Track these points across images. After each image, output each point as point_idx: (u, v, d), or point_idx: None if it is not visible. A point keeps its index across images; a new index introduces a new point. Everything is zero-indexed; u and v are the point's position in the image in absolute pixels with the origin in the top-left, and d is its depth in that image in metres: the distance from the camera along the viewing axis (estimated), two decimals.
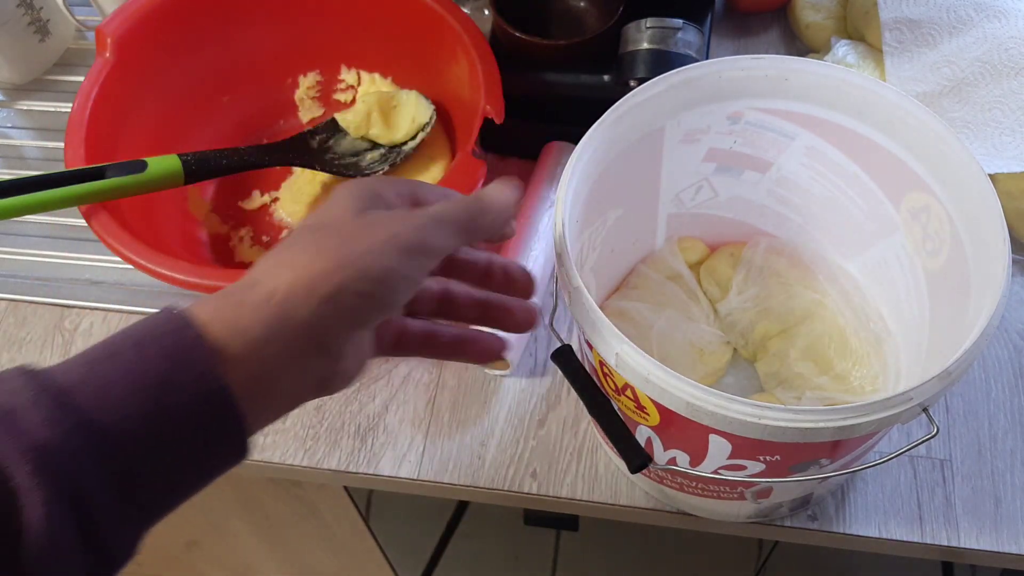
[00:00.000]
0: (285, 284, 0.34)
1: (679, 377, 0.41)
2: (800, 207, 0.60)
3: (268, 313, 0.33)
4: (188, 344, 0.32)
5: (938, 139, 0.49)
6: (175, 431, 0.31)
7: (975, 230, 0.47)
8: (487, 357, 0.45)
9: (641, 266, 0.64)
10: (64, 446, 0.29)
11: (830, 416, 0.40)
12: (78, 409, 0.30)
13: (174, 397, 0.31)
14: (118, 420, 0.30)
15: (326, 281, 0.34)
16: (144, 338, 0.32)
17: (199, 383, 0.32)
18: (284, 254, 0.35)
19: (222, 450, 0.33)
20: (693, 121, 0.54)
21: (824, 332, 0.60)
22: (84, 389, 0.31)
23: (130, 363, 0.31)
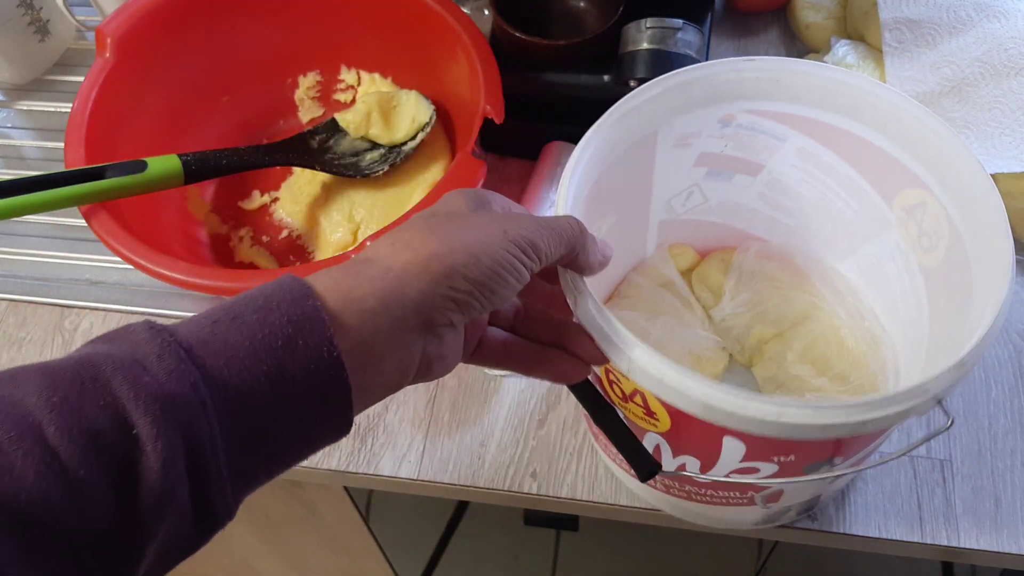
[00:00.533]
0: (401, 261, 0.35)
1: (695, 378, 0.40)
2: (791, 209, 0.60)
3: (383, 286, 0.35)
4: (309, 313, 0.33)
5: (936, 136, 0.49)
6: (290, 396, 0.32)
7: (975, 224, 0.47)
8: (566, 377, 0.45)
9: (633, 275, 0.63)
10: (186, 399, 0.30)
11: (849, 411, 0.39)
12: (202, 365, 0.31)
13: (292, 362, 0.32)
14: (238, 379, 0.31)
15: (439, 262, 0.35)
16: (267, 303, 0.33)
17: (316, 351, 0.33)
18: (401, 234, 0.37)
19: (328, 422, 0.34)
20: (686, 125, 0.54)
21: (820, 334, 0.59)
22: (208, 347, 0.31)
23: (253, 326, 0.32)
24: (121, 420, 0.29)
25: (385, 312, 0.34)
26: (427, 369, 0.38)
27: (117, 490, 0.29)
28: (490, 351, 0.44)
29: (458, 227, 0.37)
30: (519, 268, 0.37)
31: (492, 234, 0.37)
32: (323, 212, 0.71)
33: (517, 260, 0.37)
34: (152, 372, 0.30)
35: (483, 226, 0.37)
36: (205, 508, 0.31)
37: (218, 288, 0.57)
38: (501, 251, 0.37)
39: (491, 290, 0.37)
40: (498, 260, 0.36)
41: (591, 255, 0.42)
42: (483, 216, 0.39)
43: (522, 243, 0.37)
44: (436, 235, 0.36)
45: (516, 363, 0.44)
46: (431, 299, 0.35)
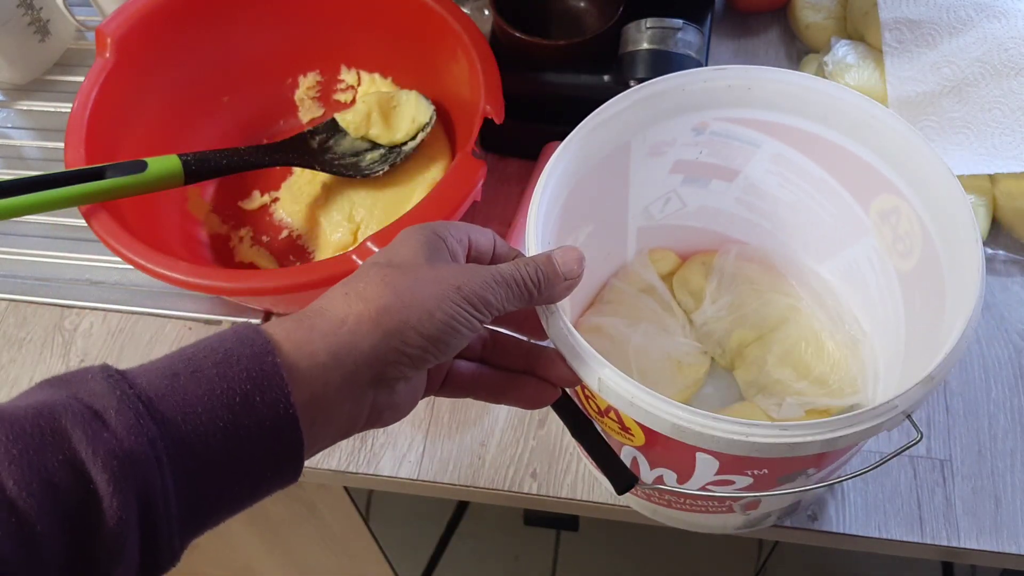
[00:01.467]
0: (355, 314, 0.35)
1: (663, 399, 0.40)
2: (769, 213, 0.60)
3: (336, 340, 0.35)
4: (268, 370, 0.33)
5: (904, 142, 0.49)
6: (244, 451, 0.33)
7: (946, 231, 0.47)
8: (536, 403, 0.45)
9: (614, 280, 0.63)
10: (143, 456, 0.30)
11: (817, 430, 0.39)
12: (160, 420, 0.31)
13: (248, 419, 0.32)
14: (195, 435, 0.32)
15: (392, 317, 0.36)
16: (227, 358, 0.33)
17: (273, 408, 0.33)
18: (355, 284, 0.37)
19: (279, 475, 0.34)
20: (659, 135, 0.54)
21: (800, 337, 0.60)
22: (167, 401, 0.32)
23: (212, 381, 0.32)
24: (79, 475, 0.29)
25: (337, 367, 0.35)
26: (377, 418, 0.38)
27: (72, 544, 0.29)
28: (458, 383, 0.44)
29: (412, 280, 0.37)
30: (472, 322, 0.37)
31: (446, 290, 0.37)
32: (323, 212, 0.71)
33: (470, 315, 0.37)
34: (111, 427, 0.30)
35: (439, 281, 0.37)
36: (152, 559, 0.31)
37: (218, 288, 0.57)
38: (454, 307, 0.37)
39: (445, 343, 0.37)
40: (451, 315, 0.37)
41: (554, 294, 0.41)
42: (440, 269, 0.38)
43: (475, 300, 0.37)
44: (391, 288, 0.36)
45: (485, 392, 0.44)
46: (383, 354, 0.35)
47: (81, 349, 0.68)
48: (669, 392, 0.59)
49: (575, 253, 0.42)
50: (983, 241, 0.61)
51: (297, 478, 0.35)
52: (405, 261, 0.38)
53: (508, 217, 0.69)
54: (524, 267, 0.40)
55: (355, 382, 0.35)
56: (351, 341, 0.35)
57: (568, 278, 0.42)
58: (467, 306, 0.37)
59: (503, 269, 0.40)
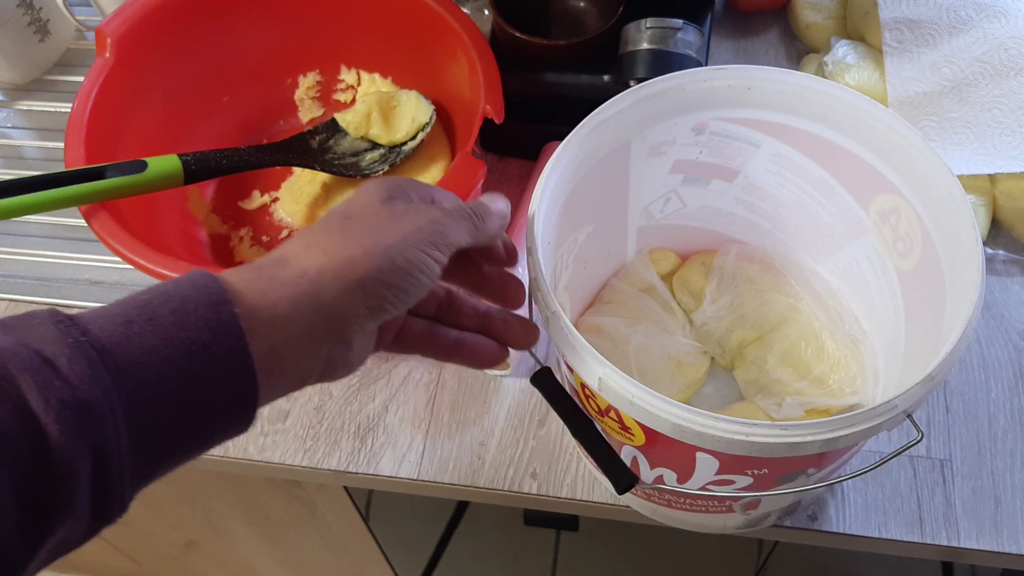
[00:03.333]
0: (316, 266, 0.35)
1: (664, 399, 0.41)
2: (769, 213, 0.60)
3: (297, 291, 0.34)
4: (226, 320, 0.33)
5: (904, 142, 0.49)
6: (199, 401, 0.32)
7: (946, 231, 0.47)
8: (486, 362, 0.45)
9: (614, 280, 0.63)
10: (97, 407, 0.29)
11: (817, 430, 0.39)
12: (115, 370, 0.30)
13: (205, 369, 0.32)
14: (150, 385, 0.31)
15: (354, 268, 0.35)
16: (184, 306, 0.32)
17: (230, 359, 0.32)
18: (316, 235, 0.37)
19: (232, 424, 0.34)
20: (658, 135, 0.54)
21: (800, 336, 0.60)
22: (121, 349, 0.31)
23: (169, 330, 0.32)
24: (29, 423, 0.28)
25: (298, 319, 0.34)
26: (331, 372, 0.38)
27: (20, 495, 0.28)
28: (410, 340, 0.44)
29: (372, 228, 0.37)
30: (431, 266, 0.37)
31: (407, 233, 0.37)
32: (323, 212, 0.71)
33: (430, 257, 0.37)
34: (63, 376, 0.29)
35: (398, 225, 0.37)
36: (102, 510, 0.31)
37: None
38: (415, 250, 0.37)
39: (404, 291, 0.37)
40: (412, 260, 0.36)
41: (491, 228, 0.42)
42: (397, 211, 0.38)
43: (436, 239, 0.37)
44: (352, 238, 0.36)
45: (436, 350, 0.44)
46: (345, 307, 0.35)
47: None
48: (669, 392, 0.59)
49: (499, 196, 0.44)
50: (983, 241, 0.61)
51: (249, 427, 0.35)
52: (364, 207, 0.38)
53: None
54: (464, 204, 0.41)
55: (314, 334, 0.35)
56: (312, 292, 0.34)
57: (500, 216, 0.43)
58: (428, 247, 0.37)
59: (448, 206, 0.40)
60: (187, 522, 0.94)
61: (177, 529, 0.97)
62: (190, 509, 0.91)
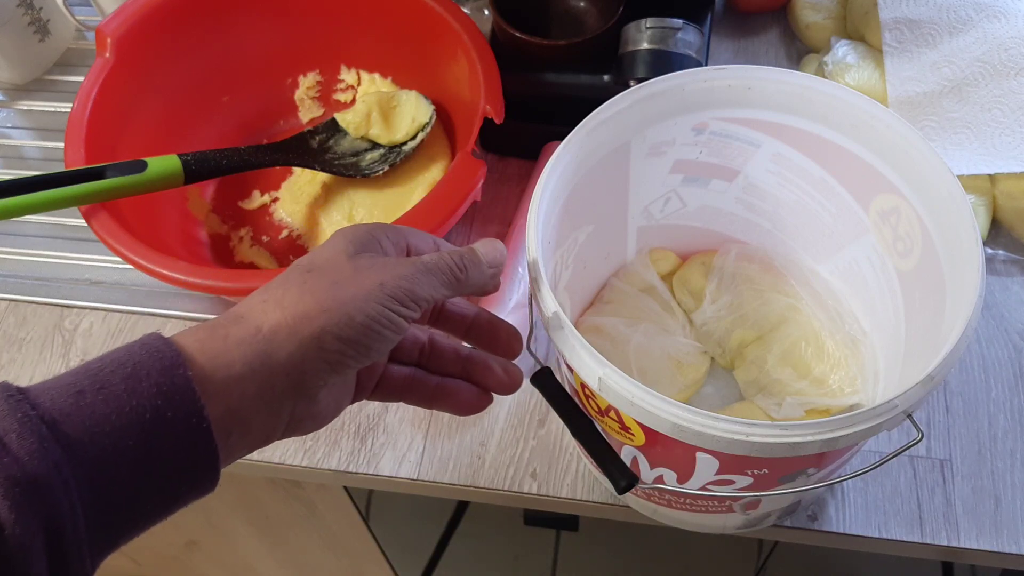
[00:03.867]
0: (271, 322, 0.34)
1: (664, 399, 0.40)
2: (769, 213, 0.60)
3: (251, 350, 0.34)
4: (179, 384, 0.32)
5: (904, 142, 0.49)
6: (157, 469, 0.32)
7: (946, 231, 0.47)
8: (467, 409, 0.45)
9: (614, 280, 0.63)
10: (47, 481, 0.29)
11: (817, 430, 0.39)
12: (66, 443, 0.30)
13: (160, 436, 0.31)
14: (104, 456, 0.30)
15: (309, 324, 0.34)
16: (136, 372, 0.32)
17: (186, 423, 0.32)
18: (274, 291, 0.36)
19: (194, 488, 0.34)
20: (658, 135, 0.54)
21: (800, 336, 0.60)
22: (72, 421, 0.30)
23: (120, 398, 0.31)
24: None
25: (253, 378, 0.34)
26: (296, 427, 0.37)
27: None
28: (391, 388, 0.43)
29: (332, 282, 0.36)
30: (396, 321, 0.36)
31: (368, 288, 0.35)
32: (323, 212, 0.71)
33: (394, 313, 0.36)
34: (12, 452, 0.29)
35: (359, 280, 0.36)
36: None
37: (218, 288, 0.57)
38: (376, 306, 0.35)
39: (366, 347, 0.36)
40: (372, 316, 0.35)
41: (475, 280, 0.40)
42: (360, 266, 0.37)
43: (399, 295, 0.36)
44: (309, 293, 0.35)
45: (419, 397, 0.44)
46: (301, 362, 0.34)
47: (81, 349, 0.68)
48: (669, 392, 0.59)
49: (496, 243, 0.42)
50: (983, 241, 0.61)
51: (214, 488, 0.34)
52: (328, 261, 0.37)
53: (508, 217, 0.69)
54: (447, 254, 0.39)
55: (272, 392, 0.34)
56: (266, 351, 0.34)
57: (492, 266, 0.41)
58: (391, 302, 0.36)
59: (425, 259, 0.38)
60: (187, 522, 0.94)
61: (177, 529, 0.97)
62: (190, 509, 0.91)
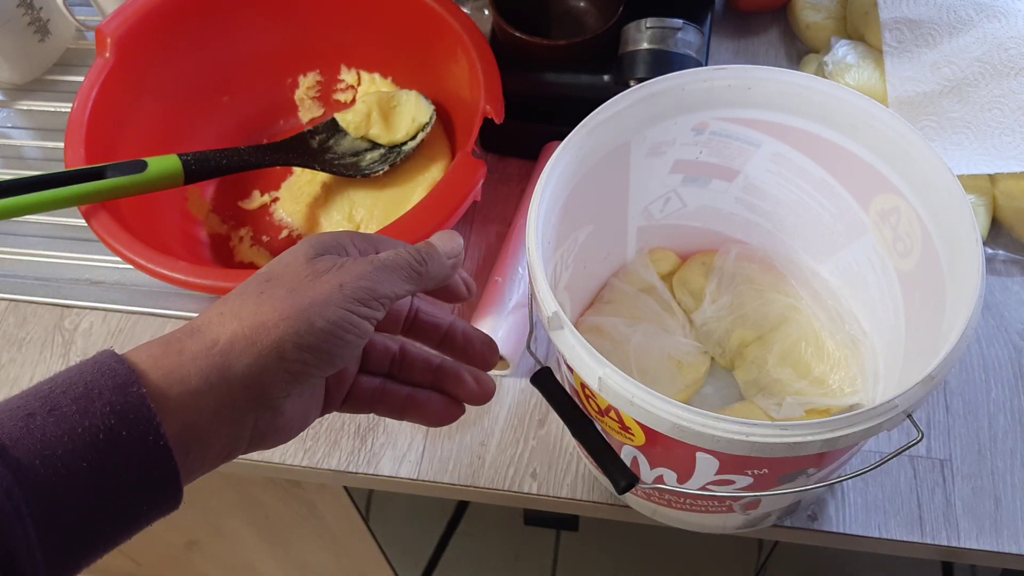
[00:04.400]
0: (227, 334, 0.33)
1: (664, 399, 0.40)
2: (769, 213, 0.60)
3: (207, 364, 0.33)
4: (133, 402, 0.31)
5: (904, 141, 0.49)
6: (115, 488, 0.31)
7: (946, 231, 0.47)
8: (437, 420, 0.44)
9: (614, 280, 0.63)
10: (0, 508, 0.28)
11: (817, 430, 0.39)
12: (16, 467, 0.29)
13: (115, 455, 0.31)
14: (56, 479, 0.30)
15: (268, 334, 0.33)
16: (88, 392, 0.31)
17: (142, 442, 0.31)
18: (231, 302, 0.35)
19: (156, 507, 0.33)
20: (658, 135, 0.54)
21: (800, 336, 0.60)
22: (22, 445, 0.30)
23: (72, 419, 0.30)
24: None
25: (210, 392, 0.33)
26: (261, 440, 0.36)
27: None
28: (361, 399, 0.42)
29: (290, 290, 0.34)
30: (359, 323, 0.35)
31: (327, 292, 0.34)
32: (323, 212, 0.71)
33: (356, 315, 0.35)
34: None
35: (318, 284, 0.35)
36: None
37: (218, 288, 0.57)
38: (337, 310, 0.34)
39: (328, 353, 0.35)
40: (334, 321, 0.34)
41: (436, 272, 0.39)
42: (319, 269, 0.36)
43: (361, 295, 0.35)
44: (267, 302, 0.34)
45: (389, 408, 0.43)
46: (260, 374, 0.33)
47: (81, 349, 0.68)
48: (669, 392, 0.59)
49: (453, 234, 0.41)
50: (983, 241, 0.61)
51: (178, 506, 0.33)
52: (286, 268, 0.36)
53: (508, 217, 0.69)
54: (404, 250, 0.39)
55: (232, 406, 0.33)
56: (223, 363, 0.33)
57: (450, 256, 0.40)
58: (353, 304, 0.35)
59: (383, 256, 0.37)
60: (187, 522, 0.94)
61: (177, 529, 0.97)
62: (190, 509, 0.91)
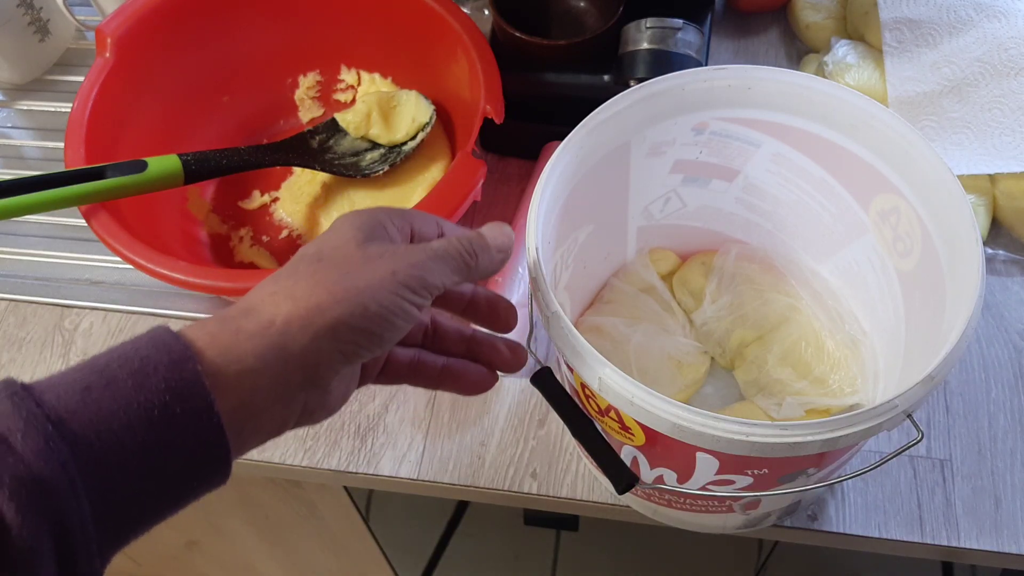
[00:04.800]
0: (283, 315, 0.34)
1: (664, 399, 0.41)
2: (769, 213, 0.60)
3: (264, 343, 0.33)
4: (188, 378, 0.31)
5: (904, 141, 0.49)
6: (167, 463, 0.31)
7: (946, 231, 0.48)
8: (476, 388, 0.45)
9: (614, 280, 0.63)
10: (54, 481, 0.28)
11: (817, 429, 0.39)
12: (72, 440, 0.29)
13: (170, 431, 0.31)
14: (112, 453, 0.30)
15: (323, 315, 0.34)
16: (144, 366, 0.31)
17: (195, 418, 0.31)
18: (284, 282, 0.35)
19: (206, 480, 0.33)
20: (658, 135, 0.54)
21: (800, 336, 0.60)
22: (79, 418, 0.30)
23: (128, 393, 0.31)
24: None
25: (266, 371, 0.33)
26: (308, 417, 0.37)
27: None
28: (396, 371, 0.43)
29: (344, 273, 0.35)
30: (408, 310, 0.36)
31: (380, 278, 0.35)
32: (323, 212, 0.71)
33: (406, 302, 0.36)
34: (17, 451, 0.28)
35: (371, 269, 0.35)
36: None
37: (218, 288, 0.57)
38: (390, 296, 0.35)
39: (379, 337, 0.35)
40: (386, 306, 0.35)
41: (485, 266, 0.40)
42: (371, 254, 0.36)
43: (412, 283, 0.36)
44: (321, 284, 0.34)
45: (424, 380, 0.43)
46: (315, 355, 0.34)
47: (81, 349, 0.68)
48: (669, 392, 0.59)
49: (503, 226, 0.41)
50: (983, 241, 0.61)
51: (226, 482, 0.34)
52: (336, 250, 0.36)
53: (508, 217, 0.69)
54: (456, 240, 0.39)
55: (286, 385, 0.34)
56: (280, 343, 0.33)
57: (500, 250, 0.41)
58: (405, 291, 0.35)
59: (435, 245, 0.38)
60: (187, 522, 0.94)
61: (177, 529, 0.97)
62: (190, 509, 0.91)
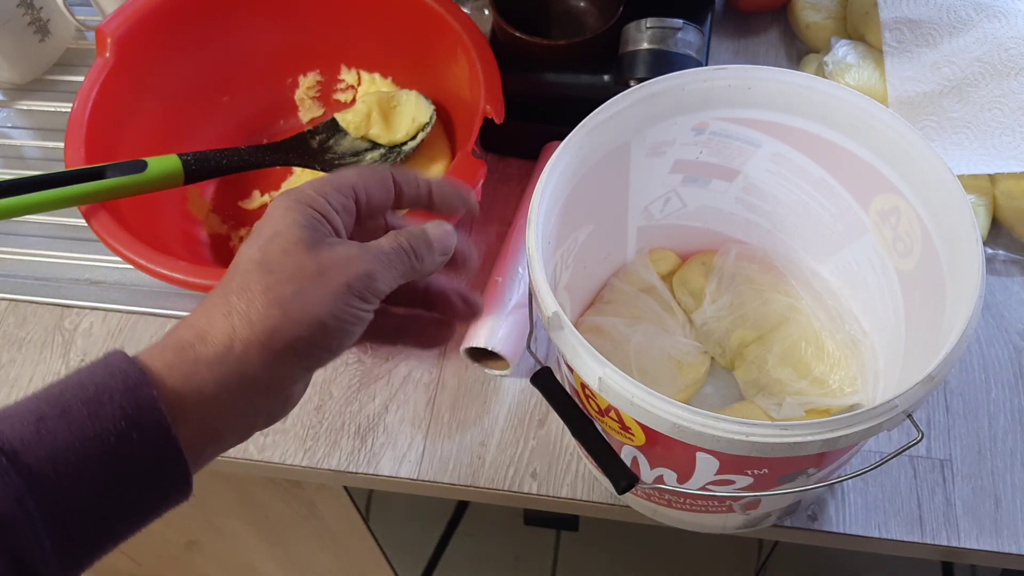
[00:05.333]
0: (241, 340, 0.34)
1: (664, 399, 0.41)
2: (769, 213, 0.60)
3: (223, 371, 0.33)
4: (144, 404, 0.31)
5: (905, 142, 0.49)
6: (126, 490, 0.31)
7: (946, 231, 0.48)
8: (432, 342, 0.45)
9: (614, 280, 0.63)
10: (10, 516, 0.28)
11: (817, 429, 0.39)
12: (28, 473, 0.29)
13: (129, 458, 0.31)
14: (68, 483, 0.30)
15: (282, 337, 0.34)
16: (98, 394, 0.31)
17: (153, 444, 0.31)
18: (236, 302, 0.35)
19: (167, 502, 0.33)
20: (658, 135, 0.54)
21: (800, 336, 0.60)
22: (33, 450, 0.30)
23: (83, 423, 0.30)
24: None
25: (228, 397, 0.33)
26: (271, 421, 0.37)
27: None
28: None
29: (297, 289, 0.34)
30: (363, 317, 0.36)
31: (334, 291, 0.35)
32: None
33: (360, 311, 0.36)
34: None
35: (324, 283, 0.35)
36: None
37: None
38: (344, 308, 0.35)
39: (338, 345, 0.36)
40: (342, 319, 0.35)
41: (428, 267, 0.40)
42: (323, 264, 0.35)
43: (365, 293, 0.36)
44: (276, 304, 0.34)
45: (382, 337, 0.43)
46: (276, 374, 0.34)
47: (81, 349, 0.68)
48: (669, 392, 0.59)
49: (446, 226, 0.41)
50: (983, 241, 0.61)
51: (188, 498, 0.34)
52: (286, 257, 0.35)
53: (508, 217, 0.69)
54: (406, 239, 0.39)
55: (248, 404, 0.35)
56: (240, 370, 0.33)
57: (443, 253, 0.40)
58: (358, 302, 0.36)
59: (385, 247, 0.38)
60: (187, 522, 0.94)
61: (177, 529, 0.97)
62: (190, 509, 0.91)
